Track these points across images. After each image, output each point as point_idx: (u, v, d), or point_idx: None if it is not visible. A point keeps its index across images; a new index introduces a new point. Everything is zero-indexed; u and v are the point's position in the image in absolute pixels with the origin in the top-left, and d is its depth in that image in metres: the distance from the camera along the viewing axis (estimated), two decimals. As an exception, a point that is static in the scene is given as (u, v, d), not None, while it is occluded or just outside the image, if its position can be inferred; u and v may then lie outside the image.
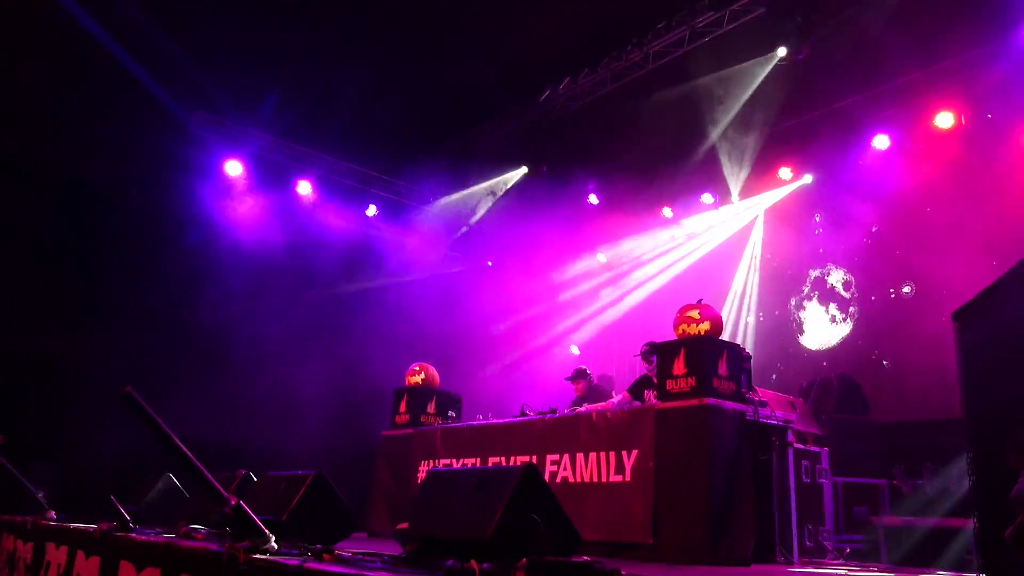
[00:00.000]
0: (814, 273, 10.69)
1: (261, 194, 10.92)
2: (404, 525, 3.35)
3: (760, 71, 9.34)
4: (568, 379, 8.09)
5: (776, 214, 11.35)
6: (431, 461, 7.42)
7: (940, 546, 6.11)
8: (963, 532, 5.93)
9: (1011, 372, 1.19)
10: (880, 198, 9.91)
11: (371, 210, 12.18)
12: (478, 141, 11.42)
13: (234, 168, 10.62)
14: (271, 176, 11.01)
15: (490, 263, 13.40)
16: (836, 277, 10.41)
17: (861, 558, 6.24)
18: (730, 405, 5.43)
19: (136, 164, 9.10)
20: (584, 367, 8.22)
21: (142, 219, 9.45)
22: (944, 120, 9.00)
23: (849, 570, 5.09)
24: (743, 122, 10.33)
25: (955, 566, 5.32)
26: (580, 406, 7.08)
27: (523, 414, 6.98)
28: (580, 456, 6.01)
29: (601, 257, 13.35)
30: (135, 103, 8.95)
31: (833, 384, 8.36)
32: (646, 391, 6.40)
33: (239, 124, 10.49)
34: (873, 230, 10.02)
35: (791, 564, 5.26)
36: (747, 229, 11.72)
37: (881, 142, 9.63)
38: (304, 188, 11.43)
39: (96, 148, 8.95)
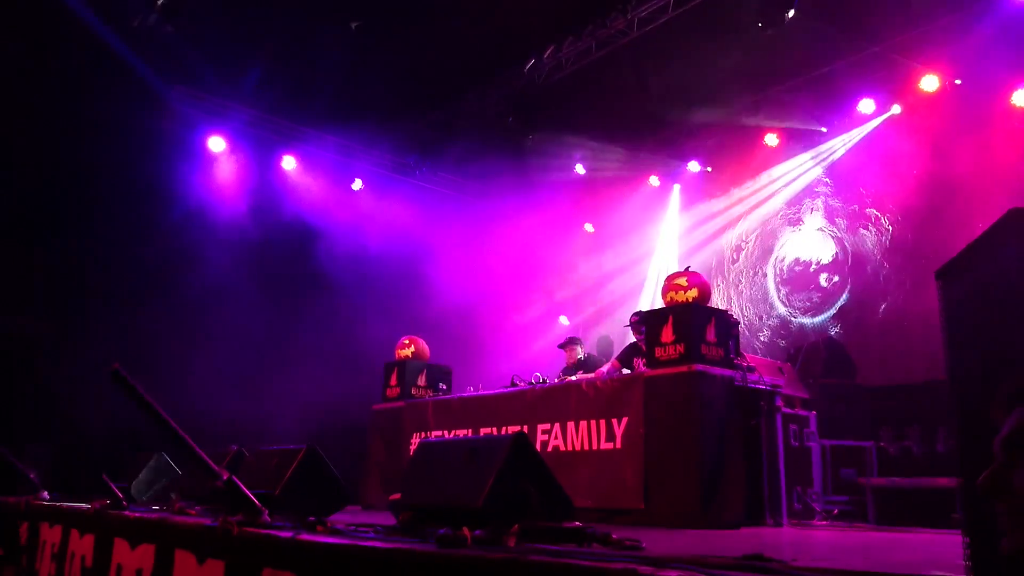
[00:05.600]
0: (804, 239, 10.72)
1: (245, 169, 10.82)
2: (397, 496, 3.37)
3: (744, 37, 9.28)
4: (560, 346, 8.13)
5: (765, 183, 11.35)
6: (423, 433, 7.46)
7: (927, 506, 6.21)
8: (949, 492, 6.02)
9: (994, 329, 1.20)
10: (868, 163, 9.95)
11: (357, 184, 12.11)
12: (462, 111, 11.33)
13: (217, 144, 10.51)
14: (255, 151, 10.90)
15: (477, 235, 13.36)
16: (827, 242, 10.45)
17: (849, 519, 6.34)
18: (719, 371, 5.47)
19: (115, 140, 8.95)
20: (577, 336, 8.24)
21: (124, 196, 9.33)
22: (929, 83, 9.02)
23: (837, 530, 5.17)
24: (728, 89, 10.29)
25: (941, 525, 5.41)
26: (571, 375, 7.12)
27: (513, 385, 7.01)
28: (571, 425, 6.05)
29: (588, 227, 13.36)
30: (112, 77, 8.80)
31: (821, 348, 8.44)
32: (636, 359, 6.44)
33: (221, 98, 10.35)
34: (861, 191, 10.04)
35: (780, 526, 5.34)
36: (735, 196, 11.72)
37: (867, 107, 9.67)
38: (289, 163, 11.34)
39: (73, 124, 8.80)
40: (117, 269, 9.52)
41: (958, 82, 8.84)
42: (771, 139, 10.75)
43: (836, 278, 10.20)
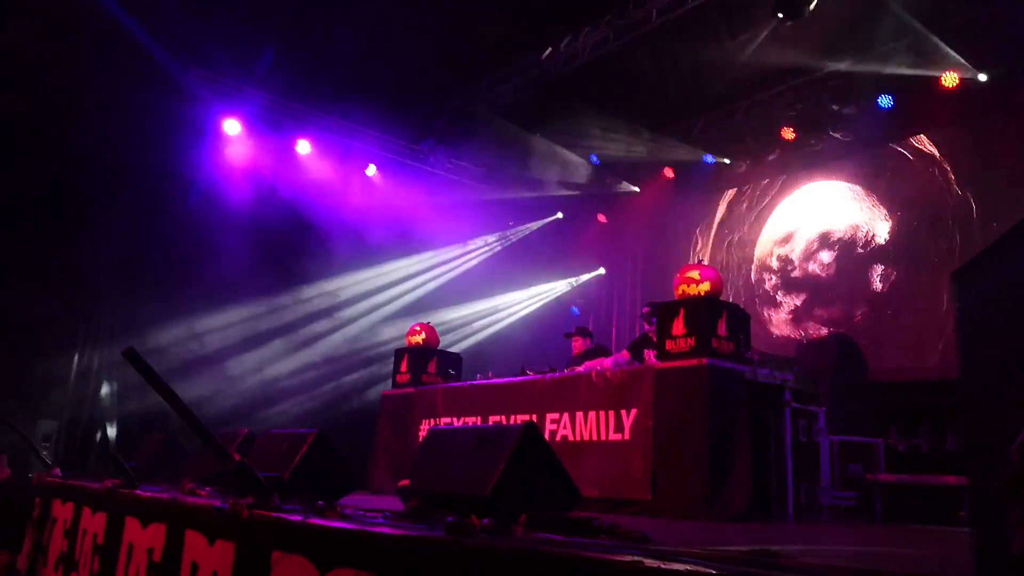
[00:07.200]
0: (817, 235, 10.66)
1: (260, 153, 10.84)
2: (406, 482, 3.39)
3: (762, 30, 9.20)
4: (567, 335, 8.13)
5: (777, 174, 11.29)
6: (432, 420, 7.49)
7: (934, 503, 6.20)
8: (957, 490, 6.00)
9: (1009, 332, 1.20)
10: (883, 159, 9.89)
11: (371, 170, 12.11)
12: (478, 99, 11.31)
13: (232, 127, 10.52)
14: (269, 135, 10.91)
15: (489, 223, 13.35)
16: (836, 236, 10.38)
17: (855, 515, 6.33)
18: (729, 365, 5.46)
19: (130, 122, 8.97)
20: (586, 327, 8.25)
21: (138, 177, 9.37)
22: (949, 80, 8.93)
23: (843, 526, 5.17)
24: (746, 81, 10.23)
25: (948, 523, 5.40)
26: (578, 364, 7.12)
27: (523, 373, 7.02)
28: (580, 415, 6.06)
29: (601, 217, 13.33)
30: (127, 59, 8.82)
31: (831, 344, 8.40)
32: (646, 350, 6.43)
33: (236, 82, 10.35)
34: (867, 197, 9.98)
35: (786, 520, 5.34)
36: (749, 191, 11.65)
37: (884, 102, 9.58)
38: (303, 147, 11.35)
39: (88, 106, 8.82)
40: (131, 250, 9.57)
41: (982, 77, 8.71)
42: (788, 133, 10.67)
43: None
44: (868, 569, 1.58)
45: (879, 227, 9.83)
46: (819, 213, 10.63)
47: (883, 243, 9.76)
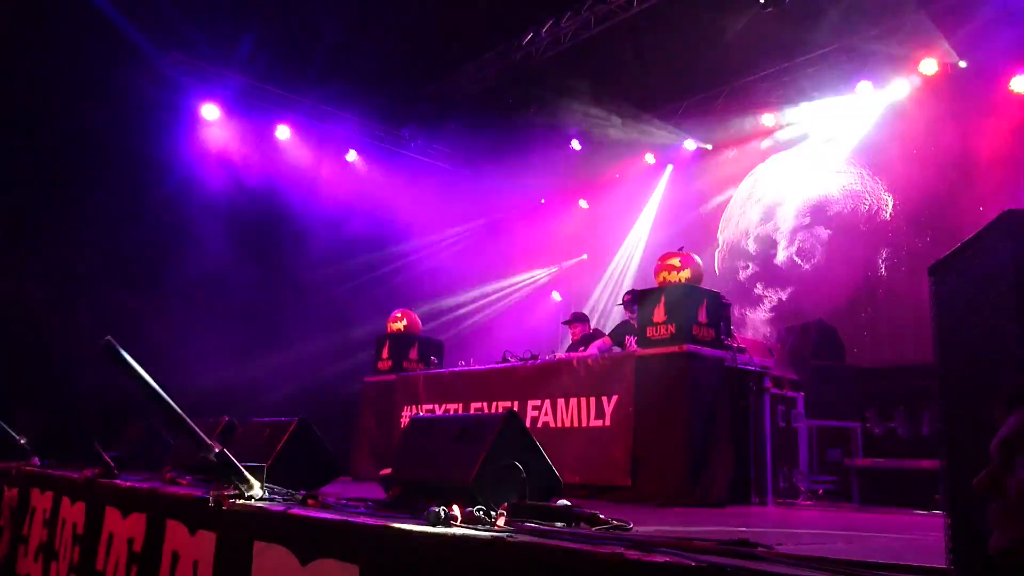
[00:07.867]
0: (794, 221, 10.71)
1: (238, 138, 10.73)
2: (387, 471, 3.40)
3: (743, 16, 9.21)
4: (566, 322, 8.14)
5: (760, 162, 11.33)
6: (414, 407, 7.49)
7: (910, 487, 6.30)
8: (932, 473, 6.10)
9: (984, 327, 1.21)
10: (862, 147, 9.94)
11: (351, 155, 12.04)
12: (459, 84, 11.25)
13: (211, 112, 10.41)
14: (249, 120, 10.80)
15: (471, 209, 13.32)
16: (817, 225, 10.44)
17: (833, 499, 6.42)
18: (709, 352, 5.50)
19: (108, 105, 8.85)
20: (583, 312, 8.25)
21: (117, 162, 9.25)
22: (928, 67, 8.98)
23: (821, 511, 5.24)
24: (726, 68, 10.24)
25: (924, 506, 5.49)
26: (577, 350, 7.15)
27: (505, 360, 7.03)
28: (561, 401, 6.09)
29: (583, 203, 13.33)
30: (105, 42, 8.69)
31: (811, 330, 8.47)
32: (627, 337, 6.46)
33: (215, 66, 10.23)
34: (851, 179, 10.04)
35: (765, 505, 5.41)
36: (730, 176, 11.69)
37: (865, 88, 9.63)
38: (283, 132, 11.26)
39: (65, 90, 8.69)
40: (110, 236, 9.46)
41: (962, 64, 8.74)
42: (768, 119, 10.70)
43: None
44: (845, 560, 1.61)
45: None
46: (802, 185, 10.59)
47: (876, 224, 9.79)
